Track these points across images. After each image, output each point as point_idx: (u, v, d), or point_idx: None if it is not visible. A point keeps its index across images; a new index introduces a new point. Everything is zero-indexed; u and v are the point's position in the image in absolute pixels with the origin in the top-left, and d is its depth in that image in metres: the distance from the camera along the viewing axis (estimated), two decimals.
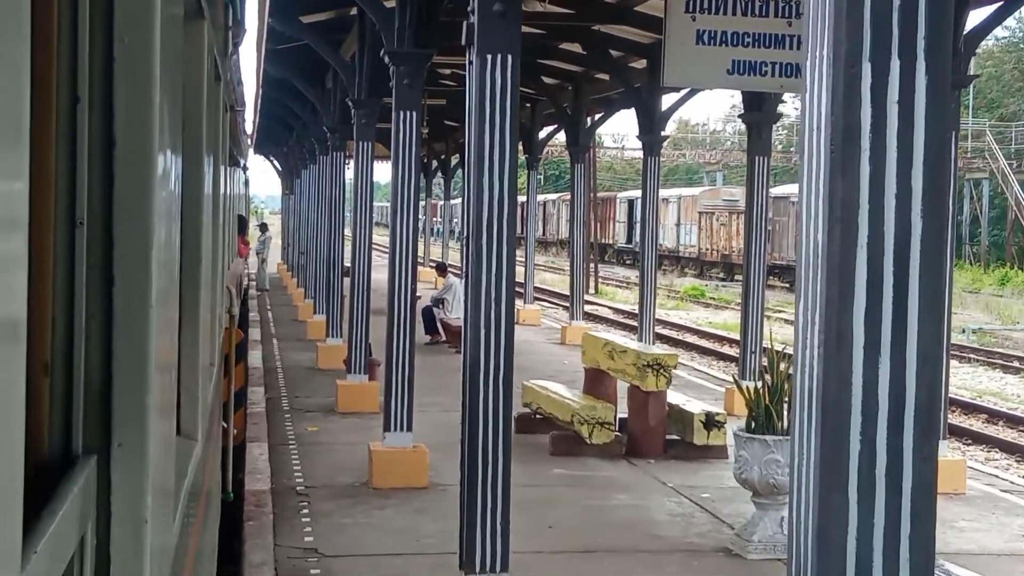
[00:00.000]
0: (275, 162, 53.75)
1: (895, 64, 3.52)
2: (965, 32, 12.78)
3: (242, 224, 31.67)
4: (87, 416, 2.48)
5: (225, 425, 11.20)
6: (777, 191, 27.37)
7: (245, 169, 39.33)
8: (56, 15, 2.32)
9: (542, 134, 32.03)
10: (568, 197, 37.06)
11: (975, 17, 13.14)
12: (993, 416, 22.79)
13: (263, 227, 50.24)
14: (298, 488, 12.94)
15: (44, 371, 2.35)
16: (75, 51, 2.42)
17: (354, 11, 15.99)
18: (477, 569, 8.14)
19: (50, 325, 2.35)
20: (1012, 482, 15.33)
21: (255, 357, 22.79)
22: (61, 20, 2.36)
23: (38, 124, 2.26)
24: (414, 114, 12.94)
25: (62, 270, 2.40)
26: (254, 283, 39.70)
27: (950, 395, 15.73)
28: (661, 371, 14.66)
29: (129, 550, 2.58)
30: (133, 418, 2.56)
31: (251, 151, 43.38)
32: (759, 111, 18.33)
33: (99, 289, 2.51)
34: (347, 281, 19.54)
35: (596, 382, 15.96)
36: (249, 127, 33.17)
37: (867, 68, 3.52)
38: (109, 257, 2.53)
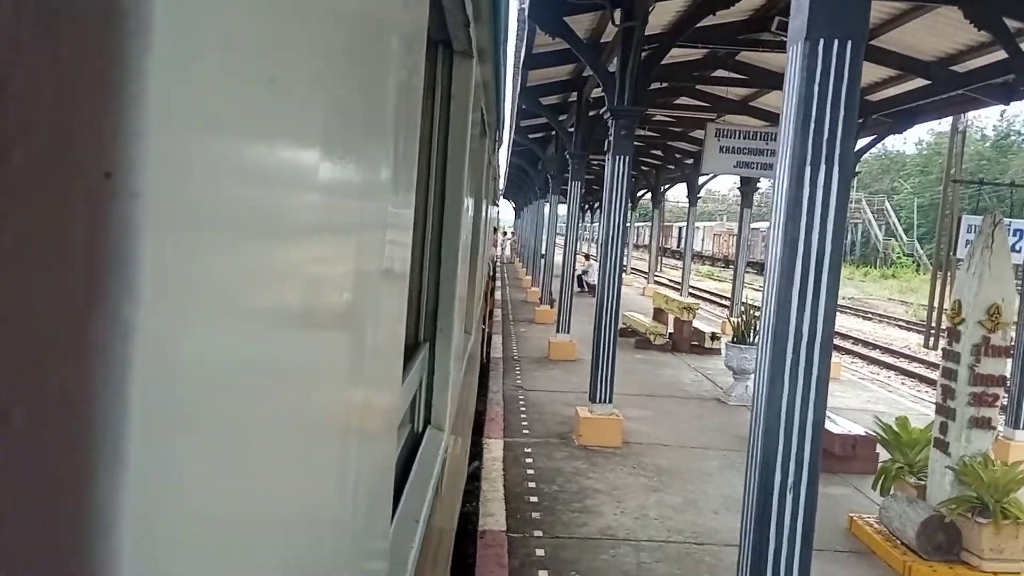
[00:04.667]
0: (512, 202, 54.06)
1: (822, 167, 3.35)
2: (856, 149, 12.15)
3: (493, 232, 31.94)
4: (426, 323, 2.55)
5: (484, 327, 11.39)
6: (754, 225, 26.37)
7: (498, 206, 39.66)
8: (428, 130, 2.37)
9: (640, 193, 31.46)
10: (650, 224, 36.30)
11: (861, 142, 12.46)
12: (856, 342, 21.59)
13: (504, 233, 50.42)
14: (514, 357, 13.04)
15: (408, 303, 2.43)
16: (430, 151, 2.47)
17: (550, 131, 15.85)
18: (597, 400, 8.11)
19: (410, 278, 2.42)
20: (881, 381, 14.54)
21: (498, 295, 23.01)
22: (424, 133, 2.41)
23: (421, 183, 2.32)
24: (578, 183, 12.84)
25: (417, 250, 2.46)
26: (499, 260, 39.95)
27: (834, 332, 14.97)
28: (691, 311, 14.31)
29: (442, 383, 2.64)
30: (446, 323, 2.61)
31: (501, 197, 43.59)
32: (747, 185, 17.68)
33: (435, 259, 2.57)
34: (542, 261, 19.58)
35: (659, 314, 15.66)
36: (501, 185, 33.45)
37: (808, 168, 3.36)
38: (439, 244, 2.59)
